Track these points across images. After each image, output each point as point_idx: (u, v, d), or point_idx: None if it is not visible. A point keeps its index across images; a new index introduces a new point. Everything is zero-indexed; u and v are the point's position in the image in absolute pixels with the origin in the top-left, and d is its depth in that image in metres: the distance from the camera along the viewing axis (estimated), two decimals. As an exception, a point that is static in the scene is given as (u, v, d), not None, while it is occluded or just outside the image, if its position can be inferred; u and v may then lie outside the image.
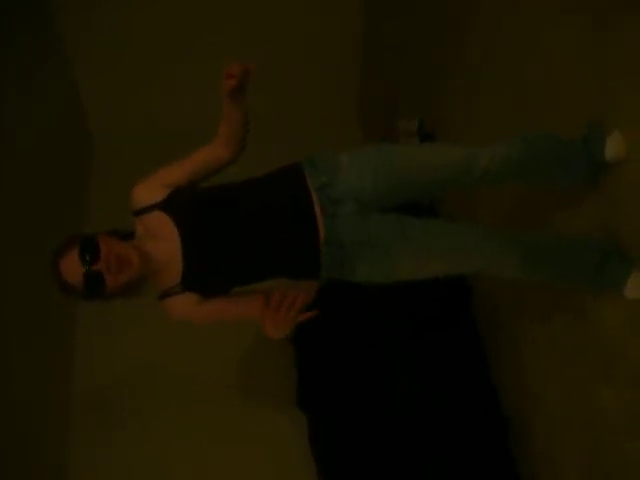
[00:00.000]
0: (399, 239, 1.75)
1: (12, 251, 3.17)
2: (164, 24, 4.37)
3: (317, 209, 1.73)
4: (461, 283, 3.10)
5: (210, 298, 1.76)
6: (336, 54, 4.74)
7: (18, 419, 2.99)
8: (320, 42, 4.64)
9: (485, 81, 2.82)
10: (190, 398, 3.47)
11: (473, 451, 2.75)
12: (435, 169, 1.82)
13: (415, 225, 1.80)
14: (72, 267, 1.59)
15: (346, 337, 3.07)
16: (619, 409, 2.06)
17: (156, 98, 4.77)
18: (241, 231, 1.72)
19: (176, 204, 1.72)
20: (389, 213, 1.81)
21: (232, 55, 4.70)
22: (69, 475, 3.35)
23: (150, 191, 1.73)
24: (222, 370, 3.53)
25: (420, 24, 3.51)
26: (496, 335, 2.97)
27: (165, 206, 1.72)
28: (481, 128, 2.92)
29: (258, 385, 3.54)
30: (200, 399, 3.43)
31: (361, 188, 1.77)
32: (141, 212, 1.75)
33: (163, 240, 1.72)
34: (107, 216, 4.23)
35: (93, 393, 3.57)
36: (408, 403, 2.82)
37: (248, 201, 1.75)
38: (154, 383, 3.54)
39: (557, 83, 2.24)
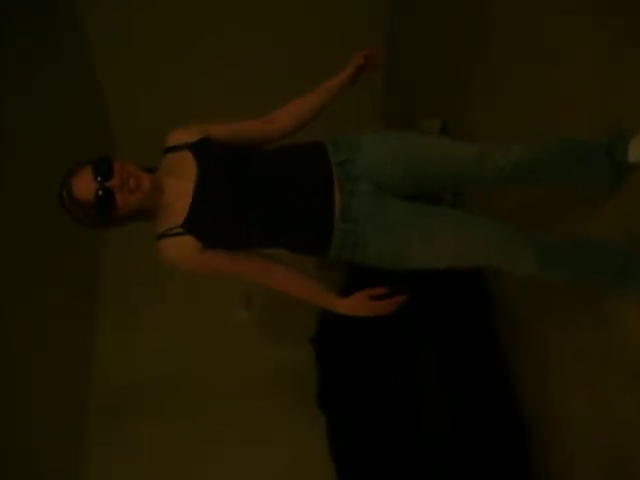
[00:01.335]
0: (412, 223, 1.75)
1: (33, 249, 3.19)
2: (190, 22, 4.38)
3: (335, 184, 1.73)
4: (483, 290, 3.08)
5: (209, 249, 1.75)
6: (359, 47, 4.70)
7: (34, 419, 3.01)
8: (343, 40, 4.62)
9: (506, 81, 2.79)
10: (208, 397, 3.49)
11: (492, 457, 2.73)
12: (451, 160, 1.82)
13: (430, 212, 1.80)
14: (84, 183, 1.62)
15: (366, 338, 3.07)
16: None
17: (179, 96, 4.77)
18: (258, 191, 1.72)
19: (204, 149, 1.75)
20: (405, 199, 1.81)
21: (256, 56, 4.76)
22: (84, 476, 3.38)
23: (187, 134, 1.78)
24: (242, 370, 3.55)
25: (441, 24, 3.49)
26: (517, 342, 2.94)
27: (193, 147, 1.75)
28: (501, 129, 2.90)
29: (278, 385, 3.54)
30: (219, 399, 3.44)
31: (380, 169, 1.77)
32: (170, 150, 1.79)
33: (179, 177, 1.74)
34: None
35: (110, 393, 3.60)
36: (428, 405, 2.81)
37: (270, 165, 1.77)
38: (172, 382, 3.55)
39: (578, 83, 2.21)
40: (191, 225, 1.70)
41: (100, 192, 1.61)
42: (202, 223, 1.71)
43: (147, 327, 3.61)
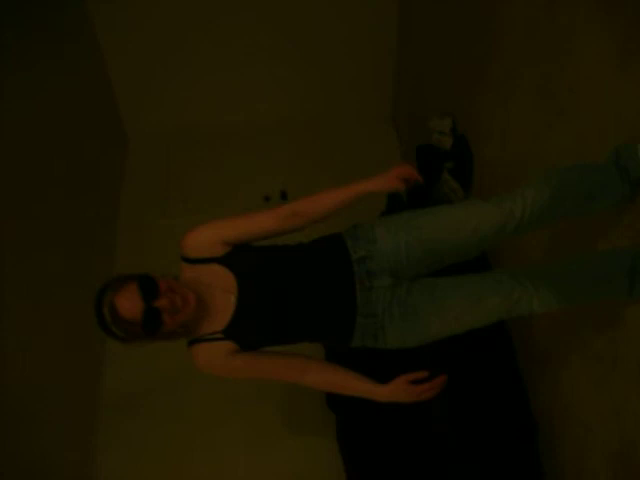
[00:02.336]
0: (429, 305, 1.82)
1: (42, 248, 3.20)
2: (201, 22, 4.40)
3: (356, 282, 1.79)
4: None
5: (244, 352, 1.78)
6: (372, 54, 4.75)
7: (42, 417, 3.00)
8: (356, 43, 4.65)
9: (519, 81, 2.78)
10: (218, 397, 3.47)
11: (501, 455, 2.73)
12: (468, 237, 1.83)
13: (444, 288, 1.85)
14: (131, 303, 1.58)
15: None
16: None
17: (191, 97, 4.82)
18: (292, 294, 1.77)
19: (237, 261, 1.76)
20: (419, 280, 1.86)
21: (266, 59, 4.80)
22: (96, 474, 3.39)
23: (207, 244, 1.75)
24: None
25: (452, 25, 3.48)
26: (528, 343, 2.93)
27: (224, 262, 1.75)
28: (512, 127, 2.89)
29: (287, 385, 3.52)
30: (228, 398, 3.43)
31: (396, 261, 1.82)
32: (197, 261, 1.76)
33: (220, 290, 1.75)
34: (137, 214, 4.38)
35: (116, 394, 3.60)
36: (437, 404, 2.80)
37: (298, 266, 1.80)
38: (182, 381, 3.54)
39: (590, 85, 2.20)
40: (232, 331, 1.75)
41: (148, 312, 1.59)
42: (244, 329, 1.76)
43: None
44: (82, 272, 3.54)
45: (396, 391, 1.77)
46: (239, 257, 1.77)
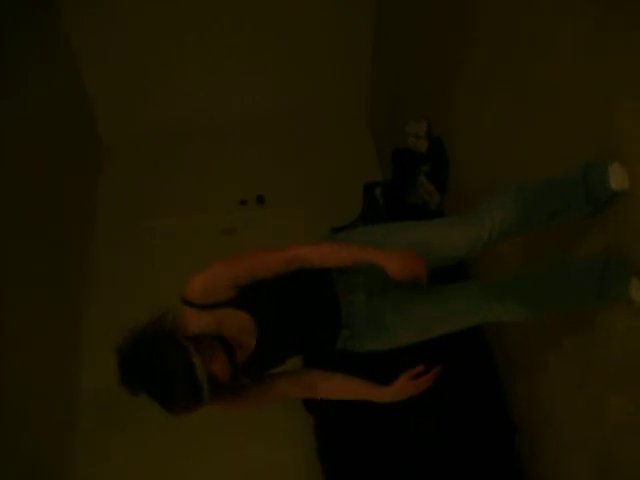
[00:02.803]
0: (396, 314, 1.95)
1: (20, 249, 3.19)
2: (173, 23, 4.38)
3: (340, 297, 1.88)
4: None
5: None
6: (348, 57, 4.78)
7: (22, 419, 2.99)
8: (332, 45, 4.66)
9: (492, 82, 2.81)
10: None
11: (481, 456, 2.74)
12: (441, 256, 1.90)
13: (412, 298, 1.97)
14: (224, 367, 1.65)
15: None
16: (630, 416, 2.05)
17: (165, 98, 4.79)
18: (290, 319, 1.83)
19: (248, 301, 1.76)
20: (391, 292, 1.96)
21: (243, 56, 4.79)
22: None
23: (215, 290, 1.73)
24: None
25: (426, 27, 3.50)
26: (505, 346, 2.95)
27: (239, 303, 1.75)
28: (486, 129, 2.92)
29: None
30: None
31: (370, 278, 1.90)
32: (210, 307, 1.73)
33: (238, 331, 1.76)
34: (116, 217, 4.35)
35: (99, 392, 3.55)
36: (415, 406, 2.81)
37: (293, 291, 1.83)
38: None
39: (561, 86, 2.23)
40: (251, 368, 1.80)
41: (235, 372, 1.69)
42: (264, 363, 1.84)
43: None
44: (60, 274, 3.52)
45: (401, 390, 1.86)
46: (248, 297, 1.76)
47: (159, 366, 1.55)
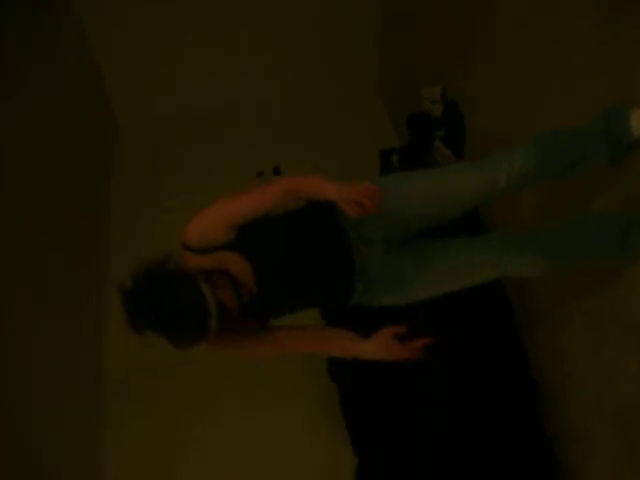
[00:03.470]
0: (416, 269, 1.90)
1: (36, 235, 3.19)
2: (188, 5, 4.39)
3: (353, 249, 1.84)
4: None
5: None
6: (357, 25, 4.72)
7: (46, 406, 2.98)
8: (340, 12, 4.62)
9: (507, 49, 2.77)
10: (219, 364, 3.46)
11: (505, 418, 2.76)
12: (456, 201, 1.88)
13: (431, 252, 1.93)
14: (230, 295, 1.67)
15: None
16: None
17: (179, 78, 4.80)
18: (293, 267, 1.79)
19: (246, 243, 1.75)
20: (409, 244, 1.93)
21: (255, 40, 4.78)
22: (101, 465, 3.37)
23: (215, 231, 1.73)
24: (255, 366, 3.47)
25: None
26: (528, 307, 2.96)
27: (236, 246, 1.75)
28: (502, 97, 2.90)
29: (292, 377, 3.45)
30: (229, 365, 3.42)
31: (387, 227, 1.86)
32: (206, 250, 1.73)
33: (244, 276, 1.75)
34: (131, 199, 4.38)
35: (122, 384, 3.59)
36: (438, 371, 2.83)
37: (297, 239, 1.81)
38: (185, 377, 3.49)
39: (578, 54, 2.20)
40: (255, 309, 1.78)
41: (240, 300, 1.70)
42: (266, 305, 1.81)
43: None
44: (79, 265, 3.57)
45: (382, 346, 1.75)
46: (249, 241, 1.76)
47: (167, 296, 1.54)
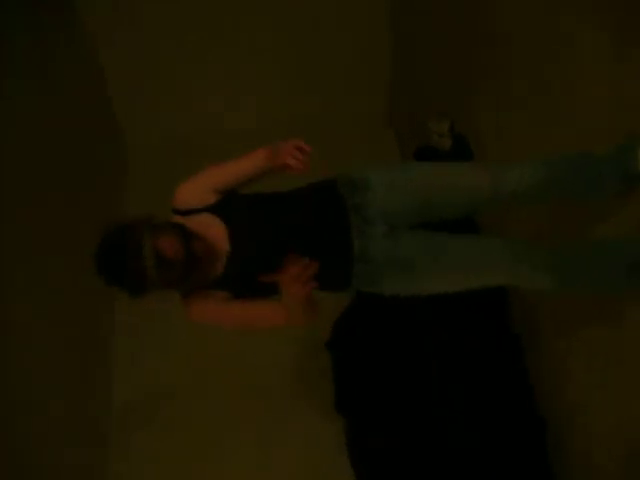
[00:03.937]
0: (424, 258, 1.83)
1: (47, 251, 3.21)
2: (196, 25, 4.42)
3: (353, 229, 1.80)
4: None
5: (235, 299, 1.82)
6: (368, 53, 4.76)
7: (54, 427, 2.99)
8: (351, 39, 4.65)
9: (515, 81, 2.80)
10: (226, 401, 3.49)
11: (510, 451, 2.73)
12: (461, 191, 1.87)
13: (440, 243, 1.86)
14: (173, 246, 1.65)
15: (383, 340, 3.08)
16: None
17: (187, 100, 4.83)
18: (285, 240, 1.78)
19: (229, 210, 1.81)
20: (417, 230, 1.87)
21: (264, 60, 4.77)
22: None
23: (199, 194, 1.81)
24: (259, 374, 3.53)
25: (449, 25, 3.50)
26: (534, 341, 2.94)
27: (217, 210, 1.81)
28: (509, 130, 2.92)
29: (295, 388, 3.54)
30: (237, 402, 3.44)
31: (390, 207, 1.84)
32: (189, 212, 1.82)
33: (212, 239, 1.78)
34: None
35: (126, 399, 3.61)
36: (445, 404, 2.81)
37: (291, 214, 1.83)
38: (191, 387, 3.57)
39: (587, 85, 2.22)
40: (227, 279, 1.79)
41: (189, 252, 1.68)
42: (235, 277, 1.79)
43: (161, 330, 3.61)
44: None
45: (287, 291, 1.68)
46: (230, 206, 1.82)
47: (114, 248, 1.63)
